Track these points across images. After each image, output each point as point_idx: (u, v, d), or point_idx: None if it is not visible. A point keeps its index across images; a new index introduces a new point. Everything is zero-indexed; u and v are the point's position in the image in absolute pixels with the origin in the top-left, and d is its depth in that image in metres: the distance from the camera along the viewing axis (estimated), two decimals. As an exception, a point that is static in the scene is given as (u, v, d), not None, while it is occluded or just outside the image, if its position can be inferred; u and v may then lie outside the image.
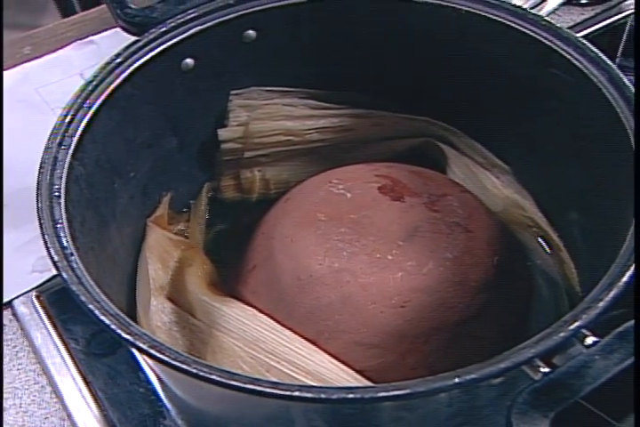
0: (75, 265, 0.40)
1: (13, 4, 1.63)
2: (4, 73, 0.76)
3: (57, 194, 0.43)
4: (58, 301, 0.59)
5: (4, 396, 0.55)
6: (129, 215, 0.52)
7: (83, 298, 0.38)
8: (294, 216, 0.51)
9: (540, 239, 0.56)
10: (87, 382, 0.56)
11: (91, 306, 0.38)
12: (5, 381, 0.56)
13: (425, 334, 0.47)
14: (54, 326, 0.58)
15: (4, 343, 0.58)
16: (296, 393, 0.34)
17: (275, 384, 0.34)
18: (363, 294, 0.47)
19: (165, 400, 0.54)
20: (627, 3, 0.75)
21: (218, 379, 0.35)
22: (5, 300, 0.60)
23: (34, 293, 0.60)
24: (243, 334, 0.48)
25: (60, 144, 0.45)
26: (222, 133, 0.57)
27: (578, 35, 0.49)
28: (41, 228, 0.41)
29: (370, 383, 0.45)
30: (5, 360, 0.57)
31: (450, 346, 0.47)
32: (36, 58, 0.78)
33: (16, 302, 0.60)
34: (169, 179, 0.56)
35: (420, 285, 0.47)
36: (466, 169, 0.58)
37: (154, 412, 0.54)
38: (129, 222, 0.53)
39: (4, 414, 0.54)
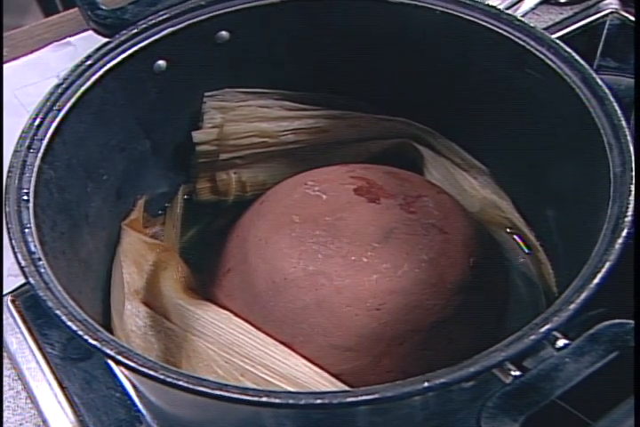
0: (42, 270, 0.39)
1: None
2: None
3: (25, 198, 0.42)
4: (33, 305, 0.59)
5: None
6: (103, 219, 0.52)
7: (50, 304, 0.38)
8: (269, 218, 0.51)
9: (517, 240, 0.56)
10: (63, 388, 0.55)
11: (57, 312, 0.37)
12: (-21, 387, 0.56)
13: (400, 337, 0.46)
14: (30, 331, 0.58)
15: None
16: (264, 399, 0.34)
17: (243, 390, 0.34)
18: (337, 296, 0.47)
19: (140, 406, 0.53)
20: (605, 2, 0.75)
21: (185, 385, 0.34)
22: (-20, 304, 0.59)
23: (9, 297, 0.59)
24: (217, 337, 0.47)
25: (28, 147, 0.44)
26: (197, 136, 0.56)
27: (556, 34, 0.49)
28: (8, 232, 0.40)
29: (345, 387, 0.45)
30: (-21, 366, 0.57)
31: (426, 348, 0.47)
32: (13, 59, 0.77)
33: (-10, 307, 0.59)
34: (143, 182, 0.56)
35: (395, 287, 0.47)
36: (443, 170, 0.58)
37: (130, 417, 0.53)
38: (103, 226, 0.52)
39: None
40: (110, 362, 0.53)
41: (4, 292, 0.60)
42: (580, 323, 0.38)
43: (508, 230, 0.56)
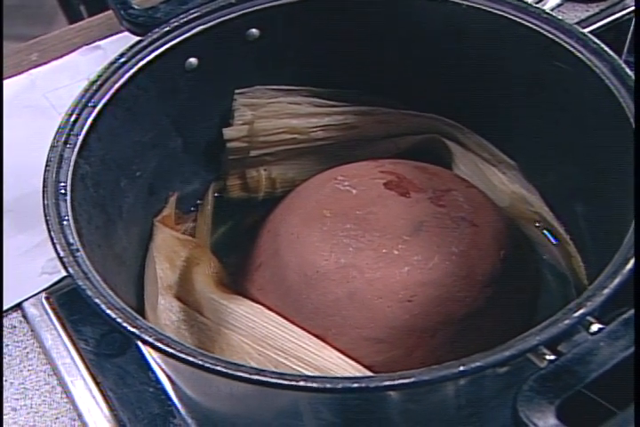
0: (81, 260, 0.40)
1: (23, 16, 1.65)
2: (11, 80, 0.76)
3: (63, 191, 0.43)
4: (67, 302, 0.60)
5: (16, 397, 0.56)
6: (136, 215, 0.53)
7: (89, 292, 0.38)
8: (300, 213, 0.52)
9: (547, 233, 0.56)
10: (97, 383, 0.56)
11: (97, 300, 0.38)
12: (16, 382, 0.56)
13: (432, 329, 0.47)
14: (64, 327, 0.58)
15: (15, 345, 0.58)
16: (301, 383, 0.34)
17: (281, 375, 0.34)
18: (369, 289, 0.47)
19: (175, 399, 0.54)
20: (630, -1, 0.75)
21: (224, 370, 0.35)
22: (15, 302, 0.60)
23: (43, 294, 0.60)
24: (251, 331, 0.48)
25: (65, 142, 0.45)
26: (227, 132, 0.57)
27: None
28: (47, 224, 0.41)
29: (377, 377, 0.45)
30: (16, 362, 0.57)
31: (457, 340, 0.47)
32: (44, 64, 0.78)
33: (26, 304, 0.60)
34: (175, 178, 0.57)
35: (426, 279, 0.47)
36: (472, 165, 0.58)
37: (164, 411, 0.54)
38: (136, 222, 0.53)
39: (15, 414, 0.55)
40: (148, 354, 0.54)
41: (39, 289, 0.61)
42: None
43: (538, 224, 0.56)
